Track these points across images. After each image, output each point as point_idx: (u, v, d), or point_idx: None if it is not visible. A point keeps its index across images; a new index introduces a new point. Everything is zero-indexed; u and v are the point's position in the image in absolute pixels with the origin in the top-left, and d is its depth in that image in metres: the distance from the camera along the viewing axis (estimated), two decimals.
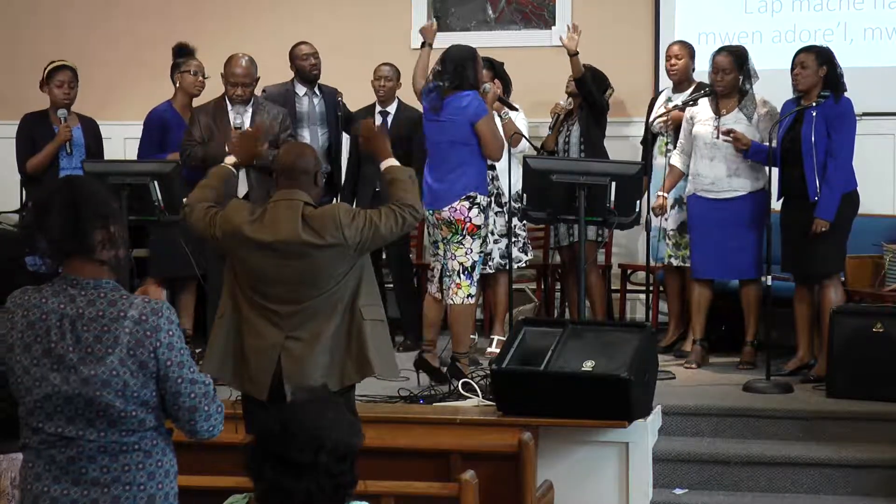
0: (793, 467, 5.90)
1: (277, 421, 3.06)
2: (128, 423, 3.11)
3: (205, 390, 3.17)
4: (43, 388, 3.10)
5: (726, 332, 7.57)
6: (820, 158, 6.65)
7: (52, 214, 3.10)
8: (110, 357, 3.07)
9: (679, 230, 7.40)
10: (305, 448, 2.97)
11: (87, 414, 3.09)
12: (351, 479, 3.04)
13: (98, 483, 3.11)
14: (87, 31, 9.17)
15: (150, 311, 3.11)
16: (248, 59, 6.97)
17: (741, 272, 7.05)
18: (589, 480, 5.66)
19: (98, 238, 3.11)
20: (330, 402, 3.11)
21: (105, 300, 3.10)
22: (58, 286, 3.14)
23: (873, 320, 6.41)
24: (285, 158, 4.78)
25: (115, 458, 3.12)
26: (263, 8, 9.09)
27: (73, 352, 3.08)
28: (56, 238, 3.10)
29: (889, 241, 7.42)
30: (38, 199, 3.21)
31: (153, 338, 3.09)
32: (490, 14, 9.12)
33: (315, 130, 7.81)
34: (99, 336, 3.08)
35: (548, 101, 7.95)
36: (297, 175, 4.68)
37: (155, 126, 7.50)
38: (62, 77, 7.40)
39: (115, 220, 3.16)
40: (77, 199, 3.12)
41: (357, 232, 4.59)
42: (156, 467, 3.18)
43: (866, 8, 8.30)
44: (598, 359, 5.59)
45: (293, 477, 2.98)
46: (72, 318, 3.09)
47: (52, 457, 3.12)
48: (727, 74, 6.98)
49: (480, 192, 6.55)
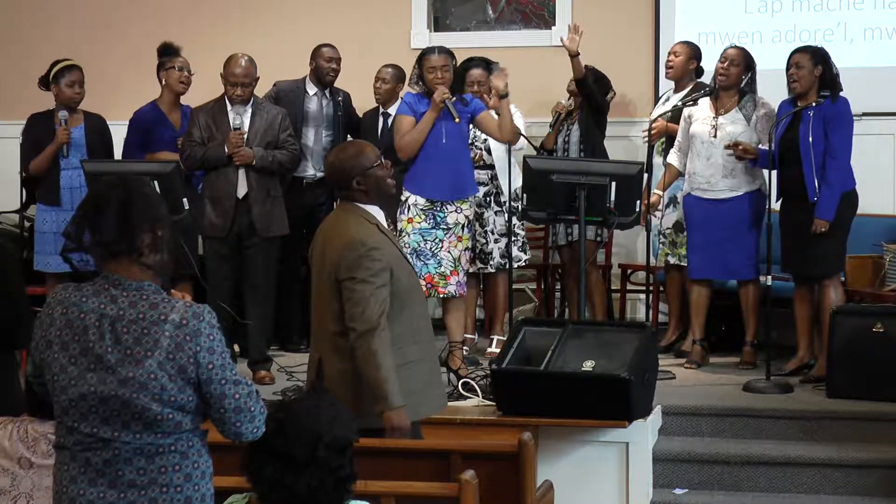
0: (793, 467, 5.90)
1: (274, 420, 3.07)
2: (163, 426, 3.07)
3: (248, 391, 3.13)
4: (79, 388, 3.07)
5: (726, 332, 7.58)
6: (818, 159, 6.66)
7: (105, 213, 3.09)
8: (149, 360, 3.04)
9: (675, 228, 7.41)
10: (304, 443, 2.98)
11: (123, 416, 3.06)
12: (350, 472, 3.05)
13: (135, 485, 3.08)
14: (86, 32, 9.17)
15: (191, 315, 3.08)
16: (248, 60, 6.97)
17: (738, 272, 7.05)
18: (589, 480, 5.66)
19: (146, 241, 3.10)
20: (323, 397, 3.13)
21: (147, 302, 3.08)
22: (99, 286, 3.11)
23: (873, 320, 6.41)
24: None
25: (152, 460, 3.08)
26: (263, 8, 9.09)
27: (112, 353, 3.05)
28: (107, 238, 3.08)
29: (889, 241, 7.43)
30: (93, 196, 3.18)
31: (193, 342, 3.06)
32: (490, 14, 9.12)
33: (319, 131, 7.79)
34: (139, 338, 3.05)
35: (547, 101, 7.95)
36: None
37: (139, 126, 7.49)
38: (73, 77, 7.41)
39: (164, 225, 3.15)
40: (131, 200, 3.10)
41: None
42: (192, 469, 3.14)
43: (866, 8, 8.31)
44: (598, 359, 5.59)
45: (294, 473, 2.99)
46: (112, 318, 3.06)
47: (87, 459, 3.09)
48: (734, 66, 7.00)
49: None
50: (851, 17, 8.31)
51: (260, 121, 6.96)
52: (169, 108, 7.51)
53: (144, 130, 7.46)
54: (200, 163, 6.94)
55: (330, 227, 4.60)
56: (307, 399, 3.10)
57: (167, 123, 7.45)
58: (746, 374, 6.86)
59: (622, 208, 6.14)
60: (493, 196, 7.39)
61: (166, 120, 7.45)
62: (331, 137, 7.81)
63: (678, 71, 7.68)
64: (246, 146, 6.86)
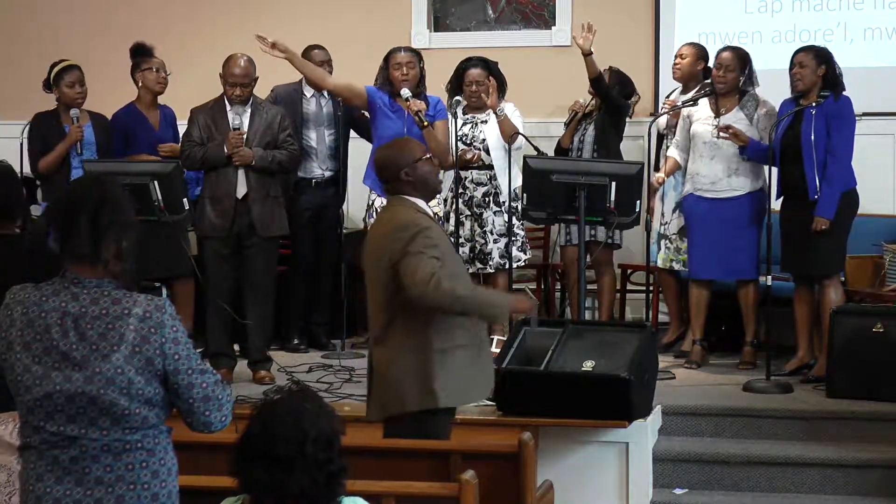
0: (793, 467, 5.90)
1: (258, 422, 3.07)
2: (131, 421, 3.10)
3: (214, 379, 3.17)
4: (43, 387, 3.08)
5: (726, 332, 7.57)
6: (820, 157, 6.66)
7: (75, 223, 3.11)
8: (115, 354, 3.06)
9: (680, 234, 7.40)
10: (290, 442, 2.98)
11: (90, 412, 3.08)
12: (340, 466, 3.05)
13: (102, 482, 3.10)
14: (86, 32, 9.17)
15: (154, 308, 3.11)
16: (247, 60, 6.96)
17: (739, 272, 7.05)
18: (589, 480, 5.66)
19: (112, 252, 3.12)
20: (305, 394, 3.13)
21: (108, 298, 3.11)
22: (59, 284, 3.14)
23: (873, 320, 6.41)
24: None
25: (119, 457, 3.11)
26: (263, 9, 9.09)
27: (77, 349, 3.07)
28: (75, 250, 3.12)
29: (889, 241, 7.43)
30: (65, 199, 3.21)
31: (158, 334, 3.09)
32: (490, 14, 9.12)
33: (321, 132, 7.80)
34: (104, 333, 3.07)
35: (547, 101, 7.95)
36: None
37: (119, 128, 7.47)
38: (72, 77, 7.40)
39: (131, 234, 3.17)
40: (100, 210, 3.13)
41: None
42: (159, 465, 3.16)
43: (866, 8, 8.31)
44: (598, 359, 5.59)
45: (284, 473, 2.98)
46: (74, 315, 3.09)
47: (54, 457, 3.10)
48: (730, 72, 7.00)
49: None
50: (851, 17, 8.31)
51: (259, 121, 6.96)
52: (147, 108, 7.50)
53: (124, 132, 7.44)
54: (200, 163, 6.93)
55: (381, 220, 4.81)
56: (289, 398, 3.10)
57: (147, 125, 7.44)
58: (746, 374, 6.86)
59: (622, 208, 6.14)
60: (493, 196, 7.38)
61: (146, 121, 7.44)
62: (334, 136, 7.82)
63: (685, 73, 7.64)
64: (245, 146, 6.86)
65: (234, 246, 6.91)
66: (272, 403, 3.11)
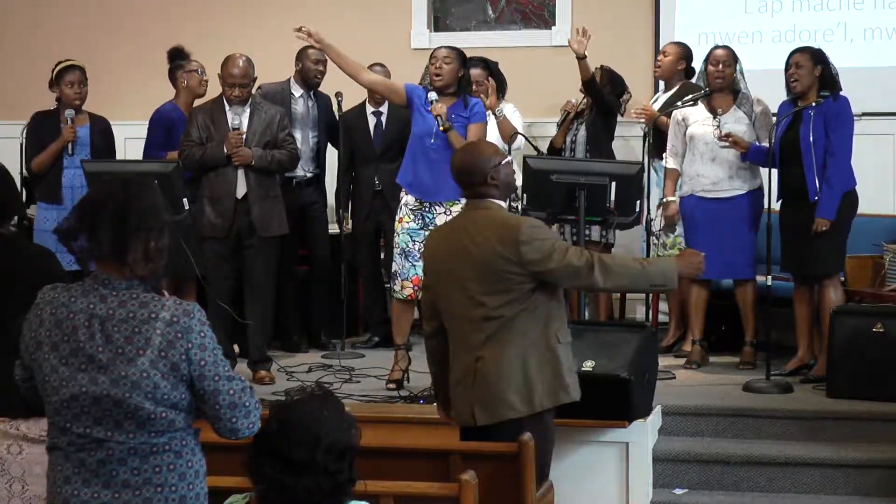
0: (793, 467, 5.90)
1: (276, 420, 3.07)
2: (157, 425, 3.07)
3: (242, 386, 3.13)
4: (70, 388, 3.06)
5: (726, 332, 7.57)
6: (819, 158, 6.66)
7: (99, 225, 3.08)
8: (141, 358, 3.03)
9: (665, 230, 7.41)
10: (303, 445, 2.97)
11: (116, 415, 3.05)
12: (349, 477, 3.04)
13: (129, 485, 3.07)
14: (87, 32, 9.17)
15: (181, 313, 3.08)
16: (246, 60, 6.96)
17: (738, 272, 7.05)
18: (589, 480, 5.66)
19: (138, 256, 3.08)
20: (327, 401, 3.12)
21: (136, 301, 3.07)
22: (88, 285, 3.11)
23: (873, 320, 6.41)
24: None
25: (146, 460, 3.08)
26: (263, 9, 9.09)
27: (103, 352, 3.04)
28: (99, 252, 3.09)
29: (889, 241, 7.43)
30: (91, 200, 3.17)
31: (185, 339, 3.06)
32: (490, 14, 9.12)
33: (307, 133, 7.82)
34: (130, 337, 3.04)
35: (547, 101, 7.95)
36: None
37: (161, 126, 7.52)
38: (72, 77, 7.42)
39: (159, 234, 3.13)
40: (127, 212, 3.08)
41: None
42: (186, 468, 3.14)
43: (866, 8, 8.31)
44: (598, 359, 5.58)
45: (293, 475, 2.99)
46: (101, 318, 3.06)
47: (81, 460, 3.08)
48: (727, 67, 7.02)
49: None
50: (851, 17, 8.31)
51: (258, 121, 6.96)
52: (187, 109, 7.53)
53: (167, 129, 7.48)
54: (199, 163, 6.93)
55: (468, 224, 4.70)
56: (310, 401, 3.09)
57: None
58: (746, 374, 6.86)
59: (622, 208, 6.14)
60: None
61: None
62: (316, 139, 7.85)
63: (666, 71, 7.77)
64: (244, 146, 6.85)
65: (234, 246, 6.92)
66: (292, 404, 3.11)
